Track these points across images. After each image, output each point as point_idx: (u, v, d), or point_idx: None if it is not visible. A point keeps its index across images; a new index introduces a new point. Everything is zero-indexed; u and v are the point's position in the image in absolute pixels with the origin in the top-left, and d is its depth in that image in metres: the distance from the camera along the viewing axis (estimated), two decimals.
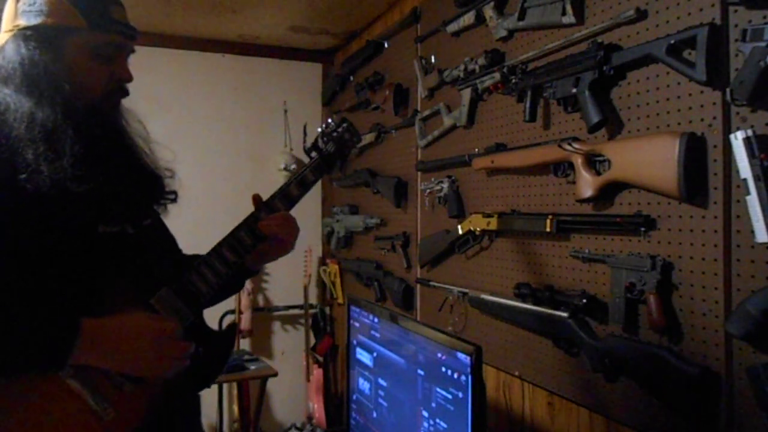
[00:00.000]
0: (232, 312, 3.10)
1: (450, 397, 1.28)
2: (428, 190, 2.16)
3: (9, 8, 1.03)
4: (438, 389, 1.32)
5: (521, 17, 1.64)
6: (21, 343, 0.89)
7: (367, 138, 2.70)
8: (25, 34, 1.00)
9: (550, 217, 1.52)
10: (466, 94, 1.91)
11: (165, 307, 1.05)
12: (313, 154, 1.28)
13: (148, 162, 1.15)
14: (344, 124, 1.30)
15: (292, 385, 3.34)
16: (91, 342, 0.92)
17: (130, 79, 1.09)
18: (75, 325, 0.91)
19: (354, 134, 1.32)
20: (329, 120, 1.33)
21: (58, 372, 0.93)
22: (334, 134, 1.29)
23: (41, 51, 0.99)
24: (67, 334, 0.91)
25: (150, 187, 1.15)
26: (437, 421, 1.33)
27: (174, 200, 1.24)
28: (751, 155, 1.04)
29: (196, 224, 2.28)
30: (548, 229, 1.51)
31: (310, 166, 1.26)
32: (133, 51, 1.10)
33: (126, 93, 1.10)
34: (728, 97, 1.08)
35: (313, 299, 3.36)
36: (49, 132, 0.95)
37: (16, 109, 0.96)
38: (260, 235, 1.16)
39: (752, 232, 1.06)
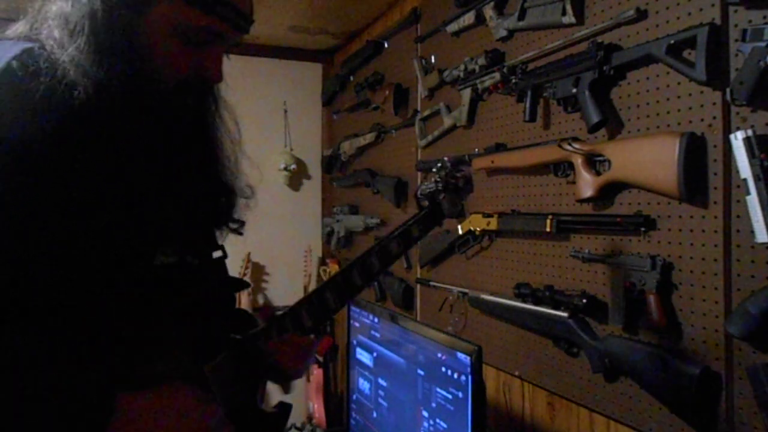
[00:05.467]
0: None
1: (450, 397, 1.28)
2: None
3: None
4: (438, 389, 1.32)
5: (521, 17, 1.64)
6: (44, 418, 0.68)
7: (367, 138, 2.70)
8: None
9: (550, 217, 1.52)
10: (466, 94, 1.90)
11: (218, 379, 0.83)
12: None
13: (227, 173, 0.95)
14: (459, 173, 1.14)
15: (291, 385, 3.33)
16: (126, 422, 0.72)
17: (217, 78, 0.85)
18: (110, 402, 0.71)
19: (467, 182, 1.16)
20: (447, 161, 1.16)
21: None
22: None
23: (121, 6, 0.76)
24: (101, 412, 0.70)
25: (220, 206, 0.94)
26: (437, 421, 1.33)
27: (238, 232, 1.00)
28: (751, 155, 1.04)
29: None
30: (548, 229, 1.51)
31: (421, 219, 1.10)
32: (237, 45, 0.86)
33: (209, 93, 0.88)
34: (728, 97, 1.08)
35: None
36: (109, 114, 0.75)
37: (76, 79, 0.72)
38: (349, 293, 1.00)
39: (752, 232, 1.06)
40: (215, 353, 0.84)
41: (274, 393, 1.06)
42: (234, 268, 2.60)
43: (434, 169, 1.14)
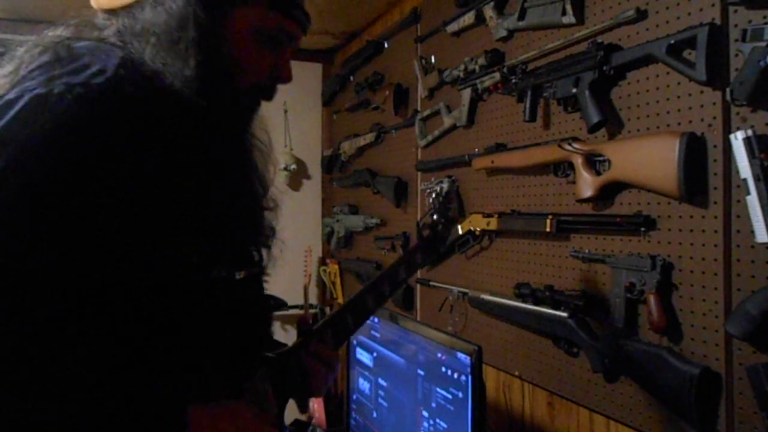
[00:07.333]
0: None
1: (450, 397, 1.28)
2: (428, 190, 2.16)
3: None
4: (438, 389, 1.32)
5: (521, 17, 1.64)
6: None
7: (367, 138, 2.71)
8: None
9: (550, 217, 1.51)
10: (466, 94, 1.91)
11: (255, 396, 0.82)
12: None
13: (259, 185, 0.91)
14: (451, 204, 1.23)
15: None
16: None
17: (289, 78, 0.86)
18: (182, 418, 0.67)
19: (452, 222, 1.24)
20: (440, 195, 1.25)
21: None
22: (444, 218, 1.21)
23: (207, 10, 0.74)
24: (174, 429, 0.67)
25: (257, 221, 0.90)
26: (437, 421, 1.33)
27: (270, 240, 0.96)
28: (751, 155, 1.04)
29: None
30: (548, 229, 1.51)
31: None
32: (297, 47, 0.89)
33: (271, 95, 0.87)
34: (728, 97, 1.08)
35: (313, 299, 3.36)
36: (205, 122, 0.74)
37: (180, 89, 0.71)
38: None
39: (752, 232, 1.06)
40: (252, 371, 0.83)
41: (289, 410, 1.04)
42: None
43: (431, 200, 1.22)
